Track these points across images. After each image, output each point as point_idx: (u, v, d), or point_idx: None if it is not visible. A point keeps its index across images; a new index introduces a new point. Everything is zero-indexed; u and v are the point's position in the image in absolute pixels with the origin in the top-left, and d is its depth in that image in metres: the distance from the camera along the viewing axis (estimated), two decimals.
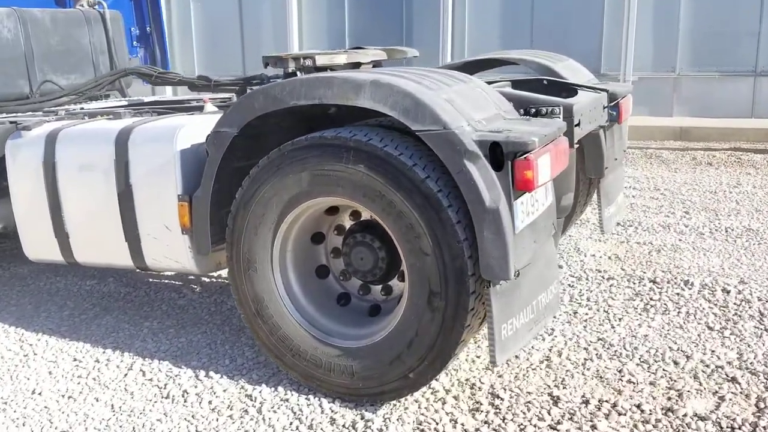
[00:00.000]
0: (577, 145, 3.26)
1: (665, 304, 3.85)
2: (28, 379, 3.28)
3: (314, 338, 2.95)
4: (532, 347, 3.36)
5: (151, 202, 3.24)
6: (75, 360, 3.45)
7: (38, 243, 3.67)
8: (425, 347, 2.69)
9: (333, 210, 3.04)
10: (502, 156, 2.47)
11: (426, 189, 2.55)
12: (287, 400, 2.97)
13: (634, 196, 6.36)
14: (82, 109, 4.51)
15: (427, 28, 9.14)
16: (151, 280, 4.49)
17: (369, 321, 3.00)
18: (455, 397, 2.95)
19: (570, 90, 3.83)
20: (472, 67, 4.55)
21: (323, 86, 2.67)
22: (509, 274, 2.48)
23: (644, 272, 4.32)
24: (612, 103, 3.90)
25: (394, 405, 2.90)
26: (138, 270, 3.50)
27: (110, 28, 5.33)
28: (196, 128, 3.19)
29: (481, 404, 2.89)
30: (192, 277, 4.48)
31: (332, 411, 2.88)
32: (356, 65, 3.76)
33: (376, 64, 4.15)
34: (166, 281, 4.46)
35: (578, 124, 3.19)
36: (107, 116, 3.75)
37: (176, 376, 3.23)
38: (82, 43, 5.15)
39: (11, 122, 3.98)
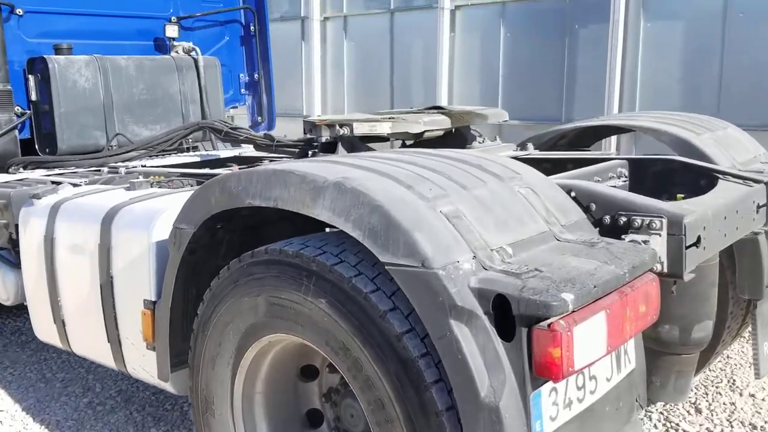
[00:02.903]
0: (699, 265, 2.16)
1: None
2: None
3: None
4: None
5: (129, 301, 2.64)
6: None
7: (42, 325, 3.23)
8: None
9: None
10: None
11: (404, 350, 1.67)
12: None
13: None
14: (143, 167, 4.10)
15: (594, 70, 7.98)
16: None
17: None
18: None
19: (712, 177, 2.72)
20: (588, 136, 3.53)
21: (279, 185, 1.88)
22: None
23: None
24: None
25: None
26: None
27: (203, 75, 4.95)
28: None
29: None
30: None
31: None
32: (417, 136, 2.93)
33: (458, 130, 3.28)
34: None
35: (697, 243, 2.10)
36: (125, 185, 3.23)
37: None
38: (170, 92, 4.81)
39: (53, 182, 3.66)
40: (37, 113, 4.42)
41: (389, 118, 2.78)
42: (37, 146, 4.46)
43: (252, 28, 5.57)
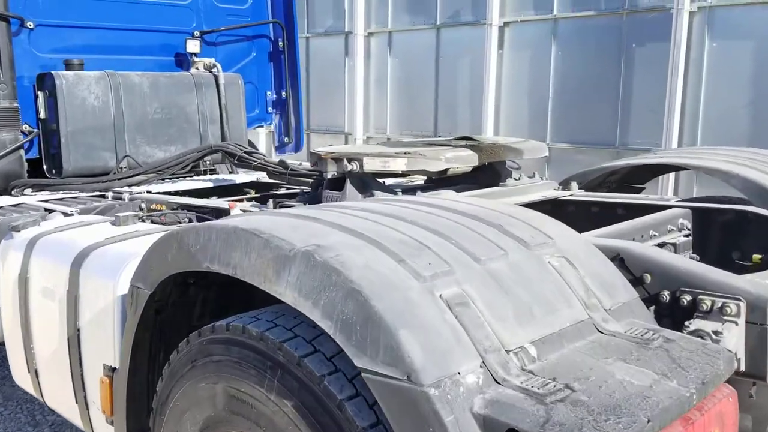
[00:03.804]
0: None
1: None
2: None
3: None
4: None
5: (95, 362, 2.28)
6: None
7: (18, 370, 2.90)
8: None
9: None
10: None
11: None
12: None
13: None
14: (149, 192, 3.79)
15: (652, 92, 7.40)
16: None
17: None
18: None
19: None
20: (642, 172, 3.05)
21: (240, 248, 1.47)
22: None
23: None
24: None
25: None
26: None
27: (224, 93, 4.62)
28: None
29: None
30: None
31: None
32: (440, 173, 2.50)
33: (491, 164, 2.83)
34: None
35: None
36: (113, 219, 2.88)
37: None
38: (187, 112, 4.49)
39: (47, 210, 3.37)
40: (46, 132, 4.15)
41: (405, 153, 2.37)
42: (44, 167, 4.18)
43: (280, 43, 5.23)
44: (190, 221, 3.12)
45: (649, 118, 7.49)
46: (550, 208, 2.85)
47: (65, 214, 3.22)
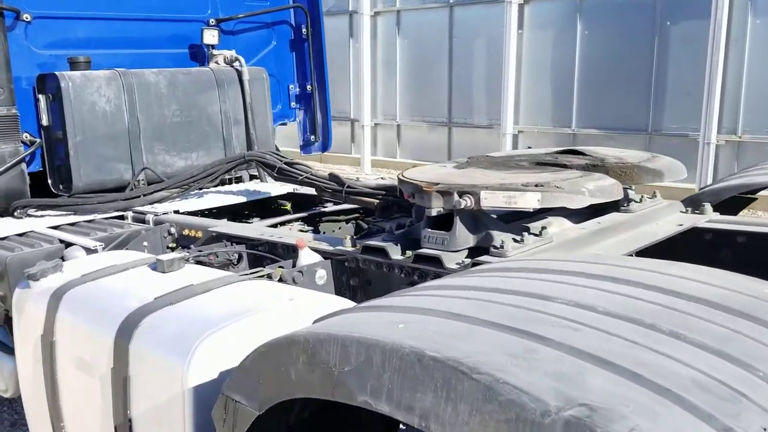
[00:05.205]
0: None
1: None
2: None
3: None
4: None
5: None
6: None
7: None
8: None
9: None
10: None
11: None
12: None
13: None
14: (176, 212, 3.28)
15: (688, 73, 6.94)
16: None
17: None
18: None
19: None
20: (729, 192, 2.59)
21: (434, 390, 0.97)
22: None
23: None
24: None
25: None
26: None
27: (249, 91, 4.08)
28: (240, 339, 1.68)
29: None
30: None
31: None
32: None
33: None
34: None
35: None
36: (149, 261, 2.35)
37: None
38: (209, 113, 3.95)
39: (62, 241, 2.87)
40: (50, 142, 3.59)
41: (536, 186, 1.87)
42: (50, 182, 3.63)
43: (304, 31, 4.69)
44: (240, 259, 2.62)
45: (685, 101, 7.05)
46: (678, 236, 2.39)
47: (87, 250, 2.72)
